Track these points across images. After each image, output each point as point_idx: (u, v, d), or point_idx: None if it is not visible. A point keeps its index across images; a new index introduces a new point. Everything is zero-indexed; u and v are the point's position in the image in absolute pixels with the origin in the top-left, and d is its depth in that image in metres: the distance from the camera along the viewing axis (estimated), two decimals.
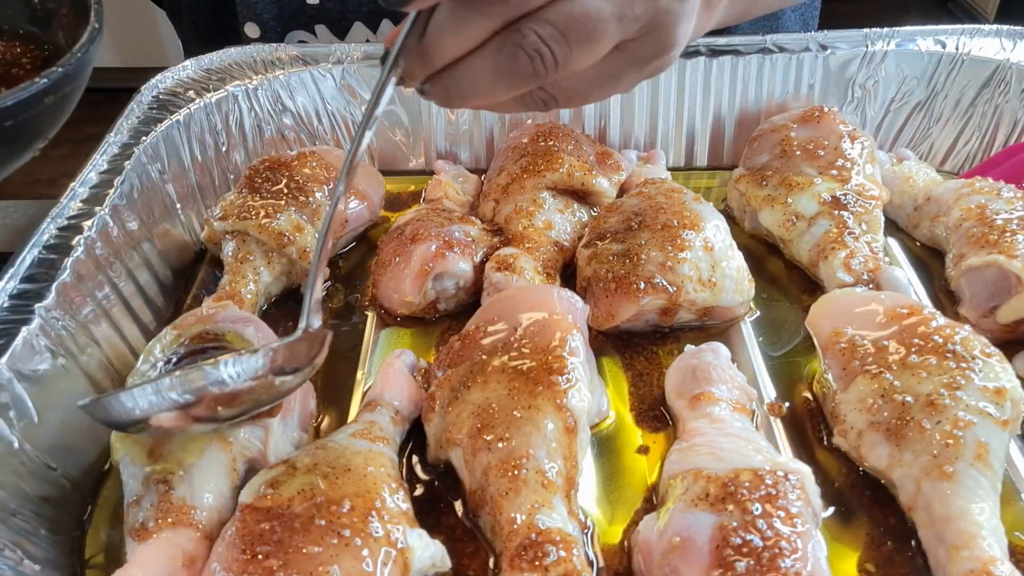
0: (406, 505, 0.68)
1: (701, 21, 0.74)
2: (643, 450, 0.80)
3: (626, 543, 0.71)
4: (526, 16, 0.58)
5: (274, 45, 1.17)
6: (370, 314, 0.96)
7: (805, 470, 0.68)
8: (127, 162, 0.97)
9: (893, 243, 1.03)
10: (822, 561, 0.63)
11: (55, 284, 0.81)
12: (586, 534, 0.72)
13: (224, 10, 1.30)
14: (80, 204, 0.91)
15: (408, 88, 0.66)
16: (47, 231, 0.87)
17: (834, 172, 1.00)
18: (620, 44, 0.61)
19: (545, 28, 0.56)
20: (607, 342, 0.91)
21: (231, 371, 0.67)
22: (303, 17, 1.26)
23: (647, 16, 0.60)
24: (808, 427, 0.81)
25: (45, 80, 0.73)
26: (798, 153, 1.02)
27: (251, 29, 1.27)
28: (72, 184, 0.93)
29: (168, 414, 0.66)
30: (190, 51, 1.41)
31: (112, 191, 0.93)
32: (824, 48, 1.14)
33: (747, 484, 0.65)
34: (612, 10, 0.57)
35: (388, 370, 0.83)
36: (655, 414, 0.83)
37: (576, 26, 0.57)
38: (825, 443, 0.79)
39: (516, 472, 0.68)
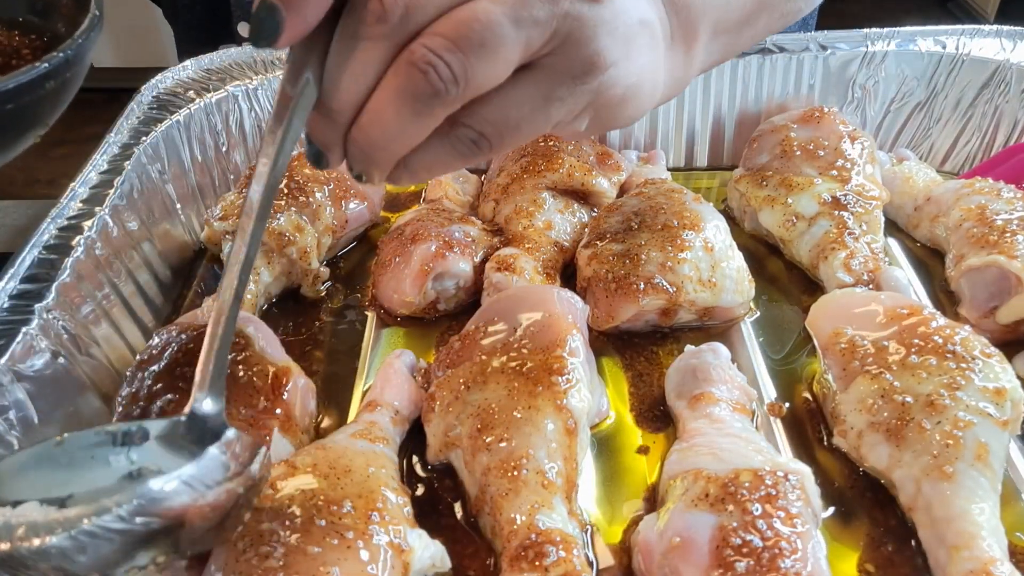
0: (407, 506, 0.68)
1: (677, 62, 0.68)
2: (643, 450, 0.80)
3: (626, 543, 0.71)
4: (416, 37, 0.53)
5: None
6: (370, 314, 0.96)
7: (805, 470, 0.68)
8: (127, 162, 0.97)
9: (893, 243, 1.03)
10: (822, 561, 0.63)
11: (55, 284, 0.81)
12: (586, 534, 0.72)
13: (219, 10, 1.30)
14: (80, 204, 0.91)
15: (332, 170, 0.59)
16: (47, 231, 0.87)
17: (834, 172, 1.00)
18: (536, 61, 0.56)
19: (433, 40, 0.52)
20: (607, 342, 0.91)
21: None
22: None
23: (550, 20, 0.54)
24: (808, 427, 0.81)
25: (46, 64, 0.73)
26: (798, 153, 1.02)
27: (244, 29, 1.27)
28: (72, 184, 0.93)
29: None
30: (184, 50, 1.41)
31: (112, 191, 0.93)
32: (824, 48, 1.14)
33: (747, 484, 0.65)
34: (504, 11, 0.52)
35: (388, 370, 0.83)
36: (655, 414, 0.83)
37: (465, 31, 0.52)
38: (825, 443, 0.79)
39: (516, 472, 0.68)
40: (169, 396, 0.73)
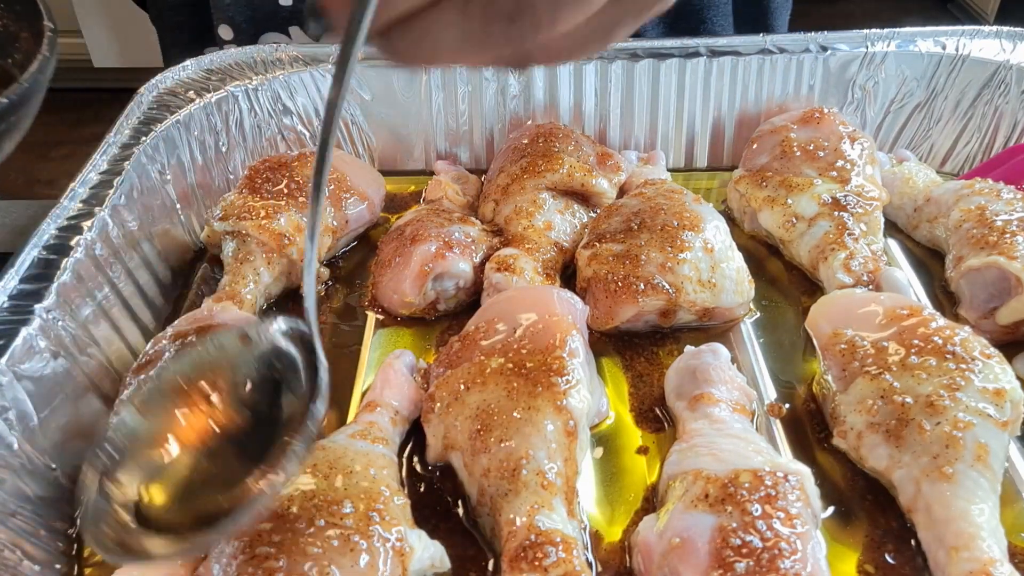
0: (406, 507, 0.68)
1: None
2: (643, 450, 0.80)
3: (626, 543, 0.72)
4: None
5: (274, 45, 1.17)
6: (370, 314, 0.96)
7: (805, 471, 0.68)
8: (127, 162, 0.97)
9: (893, 244, 1.03)
10: (822, 562, 0.63)
11: (55, 284, 0.81)
12: (586, 534, 0.72)
13: (202, 13, 1.30)
14: (80, 204, 0.91)
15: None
16: (47, 231, 0.87)
17: (834, 173, 1.00)
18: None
19: None
20: (607, 342, 0.91)
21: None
22: (276, 19, 1.25)
23: None
24: (808, 428, 0.81)
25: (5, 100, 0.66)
26: (798, 154, 1.02)
27: (224, 31, 1.27)
28: (72, 184, 0.93)
29: None
30: (169, 53, 1.40)
31: (112, 191, 0.93)
32: (824, 49, 1.14)
33: (747, 485, 0.65)
34: None
35: (388, 370, 0.83)
36: (655, 414, 0.83)
37: None
38: (825, 444, 0.79)
39: (516, 473, 0.68)
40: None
